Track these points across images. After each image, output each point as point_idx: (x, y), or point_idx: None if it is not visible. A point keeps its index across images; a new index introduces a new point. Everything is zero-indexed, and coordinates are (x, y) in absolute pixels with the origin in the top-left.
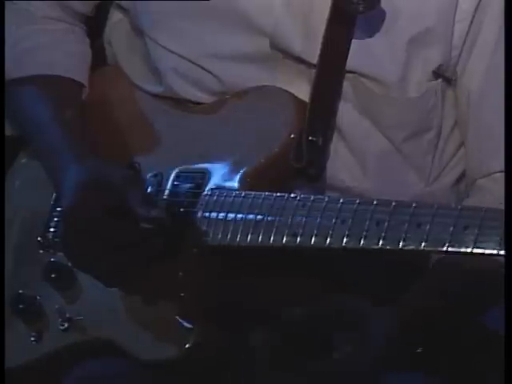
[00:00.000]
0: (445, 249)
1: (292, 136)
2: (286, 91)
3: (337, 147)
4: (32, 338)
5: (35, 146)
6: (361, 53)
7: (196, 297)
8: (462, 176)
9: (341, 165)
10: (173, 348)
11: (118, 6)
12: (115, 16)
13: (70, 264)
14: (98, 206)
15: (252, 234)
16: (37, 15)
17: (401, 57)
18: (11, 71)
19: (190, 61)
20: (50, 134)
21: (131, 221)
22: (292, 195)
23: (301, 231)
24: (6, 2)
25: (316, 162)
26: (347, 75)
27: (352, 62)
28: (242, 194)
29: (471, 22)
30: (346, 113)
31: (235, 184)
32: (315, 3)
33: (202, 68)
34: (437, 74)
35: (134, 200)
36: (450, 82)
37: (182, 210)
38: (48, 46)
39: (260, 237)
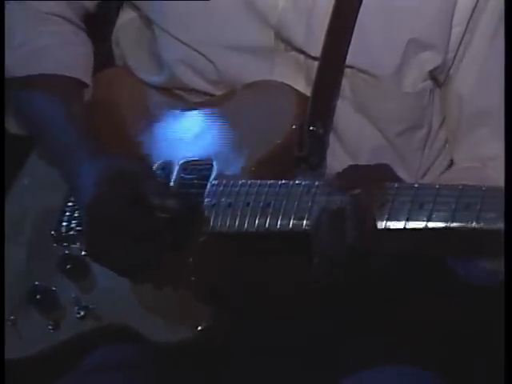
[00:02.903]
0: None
1: (294, 127)
2: (287, 85)
3: (331, 141)
4: (50, 327)
5: (45, 142)
6: (361, 48)
7: (206, 281)
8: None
9: (334, 161)
10: (185, 331)
11: (129, 5)
12: (124, 17)
13: (84, 255)
14: (118, 198)
15: (259, 219)
16: (42, 11)
17: (399, 55)
18: (18, 69)
19: (195, 49)
20: (62, 130)
21: (149, 210)
22: (297, 182)
23: (307, 215)
24: (14, 1)
25: (317, 151)
26: (345, 70)
27: (351, 57)
28: (248, 183)
29: (467, 26)
30: (342, 110)
31: (240, 174)
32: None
33: (205, 57)
34: (432, 74)
35: (150, 190)
36: (440, 82)
37: (190, 199)
38: (56, 46)
39: (267, 222)
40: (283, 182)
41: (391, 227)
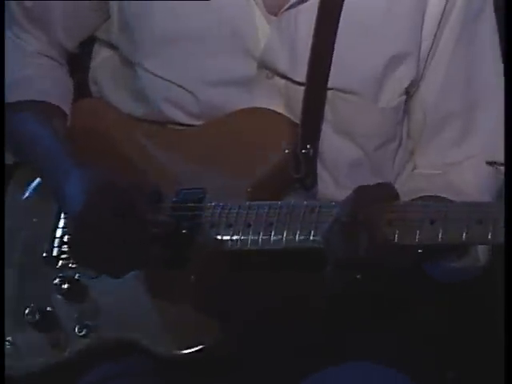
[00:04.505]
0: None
1: (286, 151)
2: (273, 111)
3: None
4: (50, 346)
5: (32, 159)
6: (340, 70)
7: (208, 298)
8: None
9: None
10: (188, 346)
11: (104, 43)
12: (100, 55)
13: (78, 276)
14: (107, 207)
15: (263, 237)
16: (28, 50)
17: (378, 73)
18: (8, 96)
19: (179, 86)
20: (48, 145)
21: (139, 221)
22: (298, 202)
23: (313, 231)
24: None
25: (311, 172)
26: (328, 93)
27: (332, 78)
28: (247, 204)
29: (433, 40)
30: (324, 132)
31: (236, 196)
32: (299, 24)
33: (189, 92)
34: (407, 89)
35: (140, 202)
36: (411, 95)
37: (186, 220)
38: (41, 77)
39: (271, 239)
40: (283, 202)
41: (400, 243)
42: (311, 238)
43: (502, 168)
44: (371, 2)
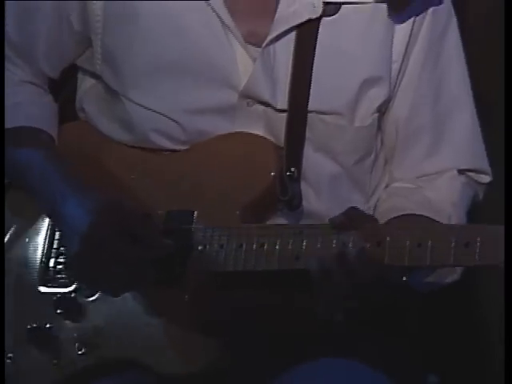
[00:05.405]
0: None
1: (272, 173)
2: (257, 135)
3: None
4: (51, 363)
5: (26, 183)
6: (318, 93)
7: (203, 317)
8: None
9: None
10: (185, 364)
11: (88, 72)
12: (85, 83)
13: (74, 296)
14: (115, 227)
15: (256, 258)
16: (15, 80)
17: (353, 95)
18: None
19: (163, 116)
20: (42, 169)
21: (144, 242)
22: (286, 224)
23: (304, 253)
24: None
25: (297, 193)
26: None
27: (311, 102)
28: (237, 226)
29: (403, 60)
30: (305, 152)
31: (224, 219)
32: (279, 55)
33: (175, 122)
34: (379, 108)
35: (146, 224)
36: (383, 112)
37: (178, 242)
38: (29, 103)
39: (264, 261)
40: (272, 224)
41: (390, 263)
42: (300, 259)
43: (474, 174)
44: (345, 28)
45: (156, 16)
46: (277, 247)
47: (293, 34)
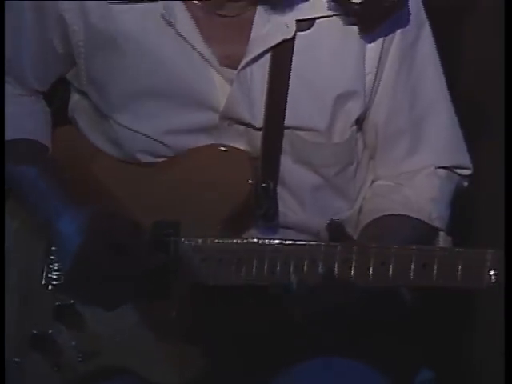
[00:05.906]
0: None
1: (250, 181)
2: (235, 147)
3: (278, 190)
4: (53, 368)
5: (21, 196)
6: (294, 110)
7: (190, 330)
8: None
9: (282, 204)
10: (174, 375)
11: (75, 88)
12: (75, 96)
13: (74, 303)
14: (105, 244)
15: (245, 272)
16: (7, 93)
17: (329, 110)
18: None
19: (148, 137)
20: (36, 183)
21: (136, 257)
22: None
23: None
24: None
25: (272, 205)
26: (285, 131)
27: (287, 119)
28: (216, 240)
29: (376, 71)
30: (284, 163)
31: (206, 231)
32: (255, 75)
33: (159, 142)
34: (357, 121)
35: (136, 238)
36: (361, 122)
37: (166, 254)
38: (20, 115)
39: (242, 275)
40: (252, 240)
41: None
42: (278, 273)
43: (454, 169)
44: (319, 44)
45: (133, 44)
46: (254, 262)
47: (268, 55)
